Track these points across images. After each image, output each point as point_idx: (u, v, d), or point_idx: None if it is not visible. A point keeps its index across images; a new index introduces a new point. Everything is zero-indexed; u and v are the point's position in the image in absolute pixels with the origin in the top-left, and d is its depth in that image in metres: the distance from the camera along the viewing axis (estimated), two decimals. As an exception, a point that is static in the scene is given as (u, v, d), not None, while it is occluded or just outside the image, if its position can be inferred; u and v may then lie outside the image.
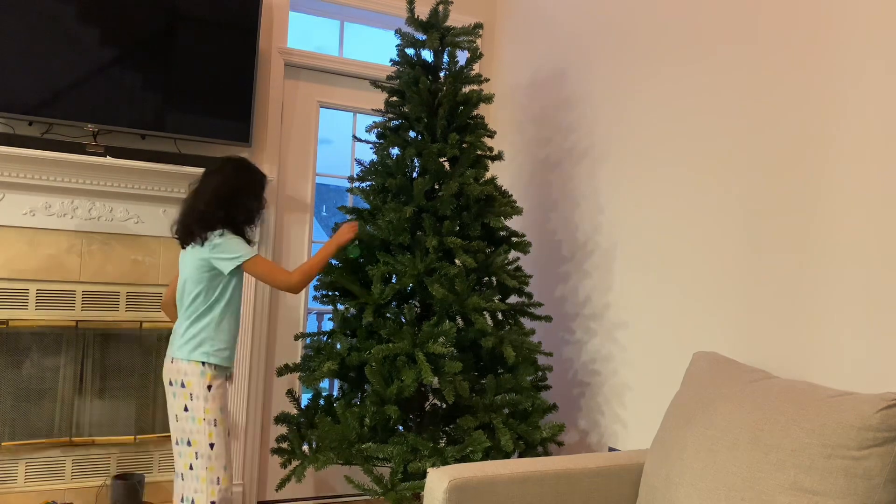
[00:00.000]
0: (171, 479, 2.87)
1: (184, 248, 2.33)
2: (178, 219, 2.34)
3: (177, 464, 2.30)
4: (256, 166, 2.45)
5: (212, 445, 2.25)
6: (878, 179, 1.83)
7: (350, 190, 2.76)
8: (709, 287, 2.34)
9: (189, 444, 2.26)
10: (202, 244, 2.26)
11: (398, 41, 2.70)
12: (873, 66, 1.87)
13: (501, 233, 2.71)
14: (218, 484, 2.25)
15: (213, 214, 2.27)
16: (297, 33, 3.54)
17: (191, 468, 2.26)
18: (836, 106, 1.96)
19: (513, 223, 3.44)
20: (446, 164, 2.67)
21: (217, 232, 2.26)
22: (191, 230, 2.28)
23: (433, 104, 2.65)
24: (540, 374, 2.69)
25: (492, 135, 2.72)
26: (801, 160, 2.05)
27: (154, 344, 3.06)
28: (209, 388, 2.26)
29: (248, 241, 2.37)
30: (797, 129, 2.07)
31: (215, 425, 2.26)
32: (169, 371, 2.30)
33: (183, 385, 2.27)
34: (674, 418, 1.99)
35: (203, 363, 2.26)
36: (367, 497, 3.33)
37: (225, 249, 2.26)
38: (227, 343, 2.31)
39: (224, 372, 2.32)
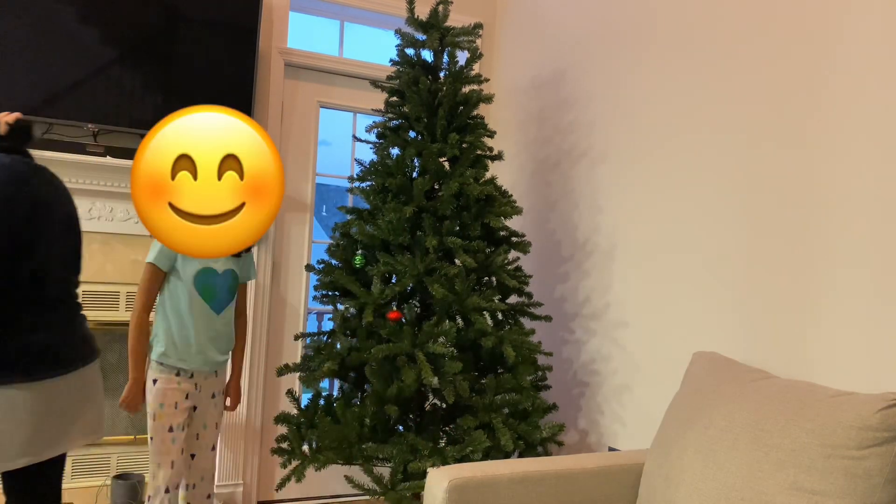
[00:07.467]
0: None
1: None
2: None
3: None
4: None
5: (151, 439, 2.31)
6: (879, 179, 1.83)
7: (350, 190, 2.76)
8: (709, 287, 2.34)
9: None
10: None
11: (398, 41, 2.70)
12: (876, 67, 1.86)
13: (501, 233, 2.71)
14: (153, 479, 2.30)
15: None
16: (297, 33, 3.54)
17: None
18: (838, 106, 1.95)
19: (513, 223, 3.43)
20: (446, 164, 2.67)
21: None
22: None
23: (433, 104, 2.65)
24: (540, 374, 2.68)
25: (492, 135, 2.72)
26: (802, 160, 2.05)
27: (154, 344, 3.06)
28: (154, 381, 2.32)
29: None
30: (798, 129, 2.07)
31: (154, 419, 2.31)
32: None
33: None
34: (674, 418, 1.99)
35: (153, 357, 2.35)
36: (367, 497, 3.33)
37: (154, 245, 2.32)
38: (166, 346, 2.32)
39: (171, 371, 2.34)
